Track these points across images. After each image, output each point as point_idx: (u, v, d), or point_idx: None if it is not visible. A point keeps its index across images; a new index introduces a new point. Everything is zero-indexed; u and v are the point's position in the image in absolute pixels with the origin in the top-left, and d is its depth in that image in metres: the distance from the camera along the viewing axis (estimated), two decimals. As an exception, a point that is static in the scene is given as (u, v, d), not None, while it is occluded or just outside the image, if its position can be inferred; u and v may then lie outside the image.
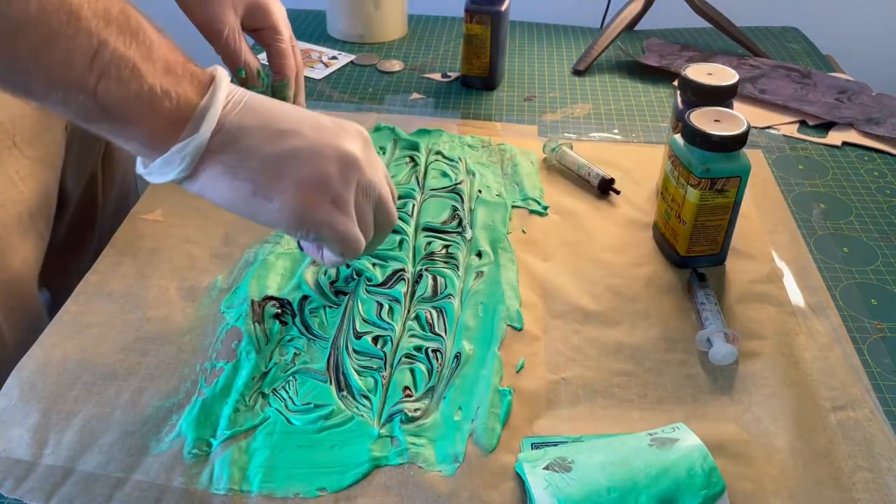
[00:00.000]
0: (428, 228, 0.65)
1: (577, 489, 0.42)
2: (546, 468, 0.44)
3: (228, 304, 0.57)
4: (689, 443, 0.45)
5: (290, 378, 0.52)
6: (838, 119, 0.83)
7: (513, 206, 0.69)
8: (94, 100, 0.40)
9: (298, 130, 0.46)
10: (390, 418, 0.49)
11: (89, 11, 0.39)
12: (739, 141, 0.57)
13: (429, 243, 0.63)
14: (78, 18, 0.39)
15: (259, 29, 0.66)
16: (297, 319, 0.56)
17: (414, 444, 0.47)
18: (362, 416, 0.49)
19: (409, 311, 0.57)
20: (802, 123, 0.85)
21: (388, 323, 0.55)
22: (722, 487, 0.43)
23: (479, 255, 0.62)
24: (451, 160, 0.74)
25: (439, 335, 0.55)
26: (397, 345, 0.54)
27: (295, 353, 0.53)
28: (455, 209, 0.68)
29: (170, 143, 0.44)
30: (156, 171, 0.45)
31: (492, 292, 0.58)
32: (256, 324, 0.55)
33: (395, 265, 0.61)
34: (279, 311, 0.57)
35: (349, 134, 0.49)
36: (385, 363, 0.52)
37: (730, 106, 0.63)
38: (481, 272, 0.61)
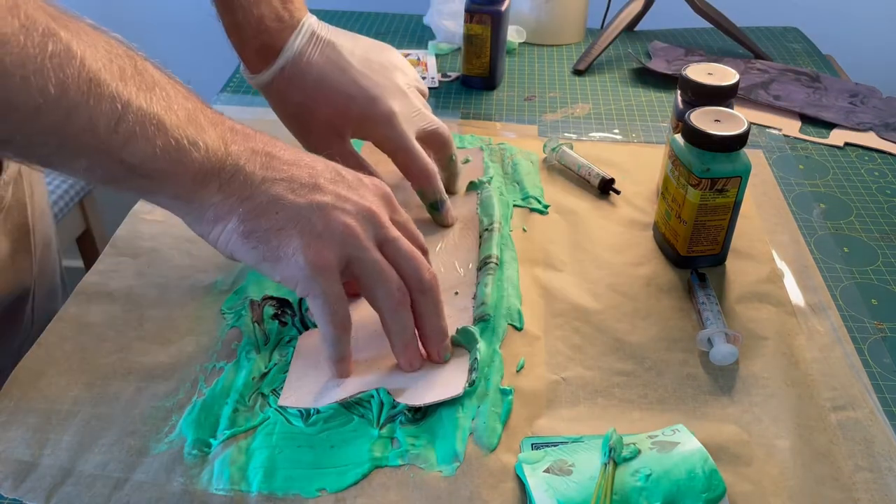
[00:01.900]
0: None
1: (578, 492, 0.42)
2: (546, 471, 0.44)
3: (229, 305, 0.57)
4: (689, 446, 0.45)
5: (290, 378, 0.52)
6: (857, 126, 0.83)
7: (513, 206, 0.69)
8: (120, 162, 0.39)
9: (318, 184, 0.46)
10: (390, 419, 0.48)
11: (108, 74, 0.38)
12: (739, 141, 0.57)
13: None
14: (98, 84, 0.37)
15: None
16: (297, 319, 0.56)
17: (414, 444, 0.47)
18: (362, 416, 0.49)
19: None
20: (804, 123, 0.85)
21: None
22: (723, 490, 0.43)
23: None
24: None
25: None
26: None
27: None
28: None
29: (201, 194, 0.44)
30: (190, 223, 0.46)
31: (494, 288, 0.58)
32: (256, 324, 0.55)
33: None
34: (278, 311, 0.57)
35: (368, 188, 0.49)
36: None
37: (730, 106, 0.63)
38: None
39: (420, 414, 0.49)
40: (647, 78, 0.95)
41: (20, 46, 0.34)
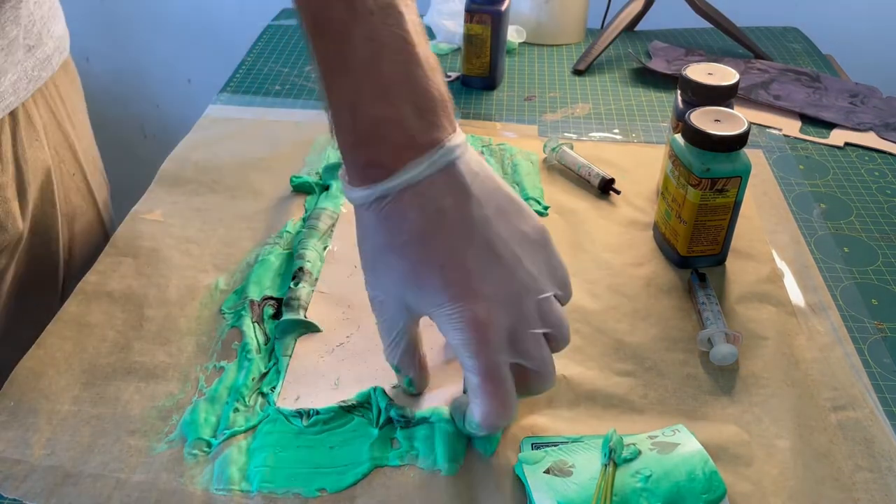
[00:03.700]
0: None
1: (578, 493, 0.42)
2: (546, 472, 0.44)
3: (229, 305, 0.57)
4: (689, 447, 0.45)
5: (290, 378, 0.51)
6: (857, 125, 0.83)
7: (513, 206, 0.69)
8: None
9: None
10: (390, 419, 0.48)
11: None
12: (740, 141, 0.57)
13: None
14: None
15: None
16: (297, 319, 0.56)
17: (414, 444, 0.47)
18: (362, 416, 0.49)
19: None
20: (804, 123, 0.85)
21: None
22: (723, 492, 0.43)
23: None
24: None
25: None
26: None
27: (295, 354, 0.53)
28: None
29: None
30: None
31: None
32: (255, 324, 0.55)
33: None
34: (278, 311, 0.56)
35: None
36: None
37: (730, 106, 0.63)
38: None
39: (419, 414, 0.49)
40: (647, 78, 0.95)
41: None
